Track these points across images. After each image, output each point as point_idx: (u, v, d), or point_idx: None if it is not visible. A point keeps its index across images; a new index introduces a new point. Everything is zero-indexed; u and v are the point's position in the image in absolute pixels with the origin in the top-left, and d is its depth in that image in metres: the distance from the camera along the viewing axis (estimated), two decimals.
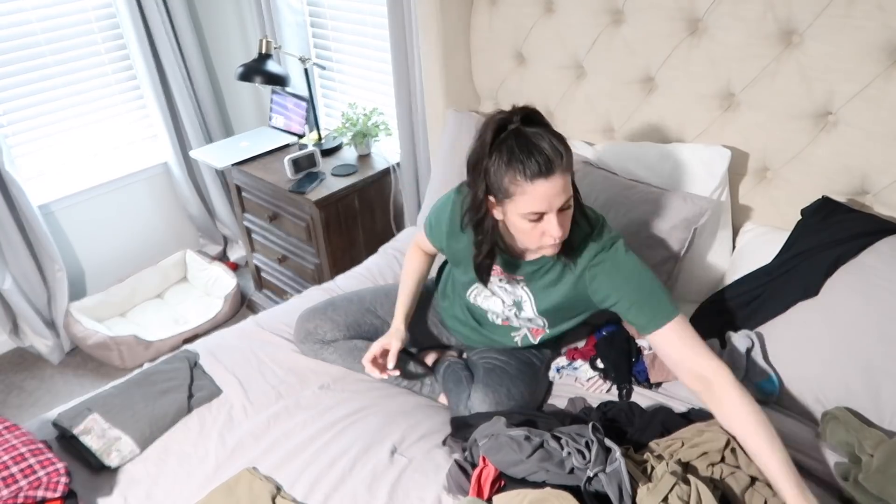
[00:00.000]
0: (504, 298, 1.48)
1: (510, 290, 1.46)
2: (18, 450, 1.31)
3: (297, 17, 2.77)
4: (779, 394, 1.44)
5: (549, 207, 1.19)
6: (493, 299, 1.50)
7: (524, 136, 1.17)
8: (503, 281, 1.45)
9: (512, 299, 1.46)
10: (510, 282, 1.44)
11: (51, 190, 2.78)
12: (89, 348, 2.71)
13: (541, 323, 1.50)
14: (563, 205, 1.21)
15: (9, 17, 2.53)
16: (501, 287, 1.46)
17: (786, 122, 1.61)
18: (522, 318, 1.50)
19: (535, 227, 1.23)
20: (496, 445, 1.23)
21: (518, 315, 1.49)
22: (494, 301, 1.50)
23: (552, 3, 1.92)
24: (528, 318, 1.49)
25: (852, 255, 1.41)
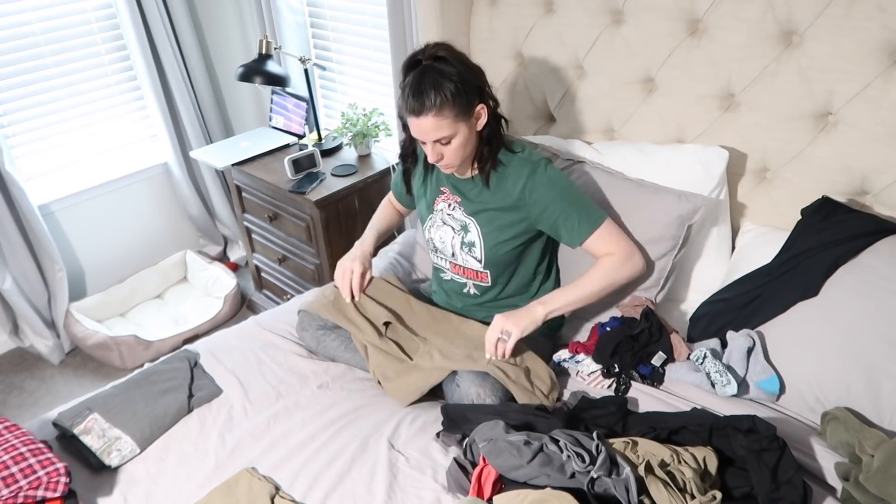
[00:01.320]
0: (453, 225, 1.64)
1: (457, 217, 1.63)
2: (18, 449, 1.31)
3: (297, 17, 2.77)
4: (779, 393, 1.44)
5: (424, 139, 1.44)
6: (444, 228, 1.66)
7: (419, 76, 1.39)
8: (451, 207, 1.63)
9: (459, 224, 1.63)
10: (454, 207, 1.63)
11: (51, 190, 2.78)
12: (89, 348, 2.71)
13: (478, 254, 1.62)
14: (438, 139, 1.42)
15: (9, 18, 2.53)
16: (450, 215, 1.64)
17: (786, 123, 1.61)
18: (469, 244, 1.63)
19: (424, 148, 1.48)
20: (495, 450, 1.23)
21: (464, 239, 1.63)
22: (445, 230, 1.66)
23: (552, 4, 1.92)
24: (470, 244, 1.63)
25: (852, 255, 1.41)
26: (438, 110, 1.38)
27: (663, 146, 1.80)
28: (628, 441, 1.25)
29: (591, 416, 1.38)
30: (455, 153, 1.47)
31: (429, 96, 1.37)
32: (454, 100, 1.38)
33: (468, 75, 1.42)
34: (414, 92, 1.38)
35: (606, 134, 1.98)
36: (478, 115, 1.46)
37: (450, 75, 1.38)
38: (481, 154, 1.53)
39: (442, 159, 1.48)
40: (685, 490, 1.14)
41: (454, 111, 1.40)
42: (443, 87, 1.37)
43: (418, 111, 1.39)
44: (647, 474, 1.15)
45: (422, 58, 1.41)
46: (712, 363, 1.46)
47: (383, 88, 2.63)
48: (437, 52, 1.41)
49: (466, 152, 1.49)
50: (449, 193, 1.64)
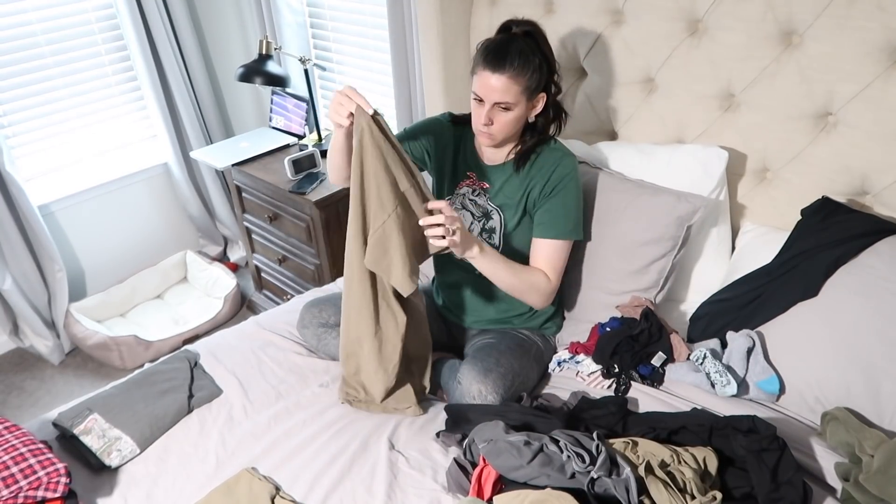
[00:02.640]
0: (474, 211, 1.64)
1: (479, 204, 1.62)
2: (19, 450, 1.31)
3: (297, 17, 2.77)
4: (779, 394, 1.44)
5: (487, 98, 1.42)
6: (463, 213, 1.65)
7: (509, 39, 1.40)
8: (475, 193, 1.62)
9: (481, 211, 1.63)
10: (479, 193, 1.62)
11: (51, 190, 2.78)
12: (89, 349, 2.71)
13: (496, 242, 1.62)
14: (499, 102, 1.41)
15: (9, 18, 2.53)
16: (473, 201, 1.63)
17: (786, 123, 1.61)
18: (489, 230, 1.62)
19: (477, 109, 1.46)
20: (495, 450, 1.23)
21: (485, 226, 1.62)
22: (465, 215, 1.65)
23: (552, 4, 1.92)
24: (490, 230, 1.62)
25: (852, 255, 1.41)
26: (515, 74, 1.39)
27: (663, 146, 1.80)
28: (628, 441, 1.25)
29: (591, 416, 1.38)
30: (505, 125, 1.46)
31: (512, 58, 1.38)
32: (531, 73, 1.40)
33: (549, 61, 1.45)
34: (499, 49, 1.39)
35: (606, 134, 1.98)
36: (537, 101, 1.48)
37: (536, 51, 1.42)
38: (524, 141, 1.54)
39: (490, 125, 1.46)
40: (685, 490, 1.14)
41: (526, 83, 1.41)
42: (528, 57, 1.40)
43: (496, 67, 1.39)
44: (647, 474, 1.15)
45: (514, 26, 1.44)
46: (712, 363, 1.46)
47: (383, 88, 2.63)
48: (529, 28, 1.44)
49: (513, 130, 1.50)
50: (475, 179, 1.63)
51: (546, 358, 1.68)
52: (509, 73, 1.39)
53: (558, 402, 1.52)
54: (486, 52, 1.41)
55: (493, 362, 1.52)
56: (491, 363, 1.52)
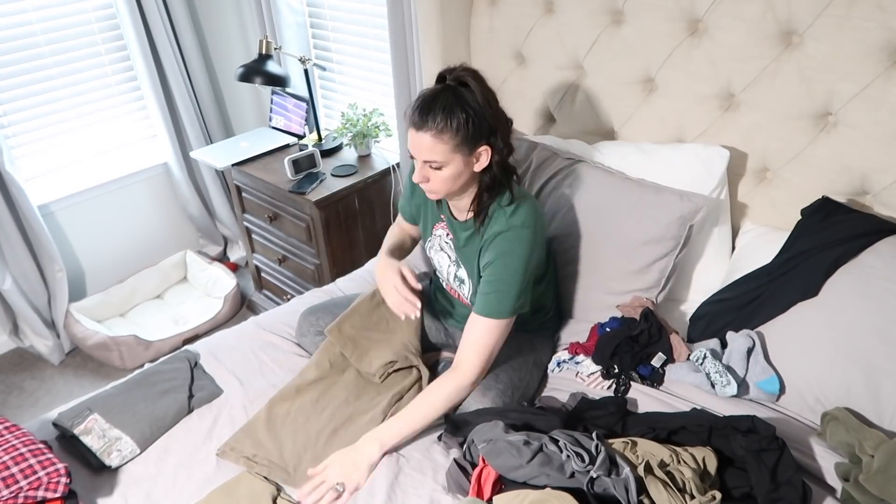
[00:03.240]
0: (449, 254, 1.61)
1: (451, 250, 1.59)
2: (19, 450, 1.31)
3: (297, 17, 2.77)
4: (779, 394, 1.44)
5: (416, 156, 1.38)
6: (441, 254, 1.63)
7: (436, 93, 1.33)
8: (448, 236, 1.58)
9: (455, 256, 1.59)
10: (449, 238, 1.58)
11: (51, 190, 2.78)
12: (89, 349, 2.71)
13: (466, 293, 1.60)
14: (428, 160, 1.36)
15: (9, 18, 2.53)
16: (447, 243, 1.60)
17: (786, 123, 1.61)
18: (460, 280, 1.60)
19: (416, 166, 1.41)
20: (495, 450, 1.23)
21: (457, 274, 1.60)
22: (442, 256, 1.63)
23: (552, 4, 1.92)
24: (461, 280, 1.60)
25: (852, 255, 1.41)
26: (439, 132, 1.31)
27: (664, 146, 1.80)
28: (628, 441, 1.25)
29: (591, 416, 1.38)
30: (442, 182, 1.39)
31: (434, 115, 1.31)
32: (458, 129, 1.31)
33: (486, 112, 1.34)
34: (422, 106, 1.32)
35: (606, 134, 1.98)
36: (478, 155, 1.38)
37: (465, 104, 1.32)
38: (481, 198, 1.44)
39: (427, 182, 1.41)
40: (685, 490, 1.15)
41: (455, 141, 1.32)
42: (453, 112, 1.31)
43: (419, 126, 1.33)
44: (646, 474, 1.15)
45: (448, 76, 1.36)
46: (712, 363, 1.46)
47: (383, 89, 2.63)
48: (464, 77, 1.34)
49: (455, 187, 1.41)
50: (445, 225, 1.58)
51: (546, 360, 1.68)
52: (433, 131, 1.31)
53: (557, 405, 1.52)
54: (413, 108, 1.34)
55: (491, 379, 1.51)
56: (489, 380, 1.51)
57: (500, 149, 1.39)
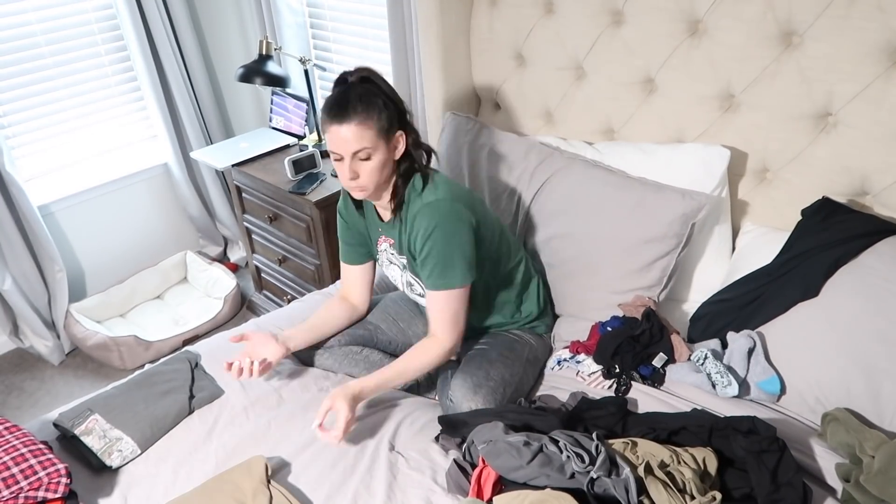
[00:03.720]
0: (397, 264, 1.63)
1: (397, 257, 1.61)
2: (19, 450, 1.31)
3: (297, 18, 2.77)
4: (780, 394, 1.44)
5: (343, 151, 1.38)
6: (392, 267, 1.65)
7: (346, 90, 1.38)
8: (392, 247, 1.60)
9: (401, 263, 1.61)
10: (392, 247, 1.60)
11: (51, 190, 2.78)
12: (89, 349, 2.71)
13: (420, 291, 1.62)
14: (357, 151, 1.38)
15: (9, 18, 2.53)
16: (392, 254, 1.62)
17: (786, 123, 1.61)
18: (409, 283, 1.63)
19: (340, 167, 1.42)
20: (495, 451, 1.23)
21: (406, 279, 1.63)
22: (393, 269, 1.65)
23: (552, 4, 1.92)
24: (409, 283, 1.63)
25: (852, 255, 1.41)
26: (362, 120, 1.35)
27: (664, 146, 1.80)
28: (628, 442, 1.25)
29: (591, 416, 1.38)
30: (371, 174, 1.41)
31: (354, 105, 1.35)
32: (379, 113, 1.37)
33: (394, 98, 1.42)
34: (338, 101, 1.36)
35: (606, 134, 1.98)
36: (397, 141, 1.43)
37: (376, 93, 1.38)
38: (396, 188, 1.48)
39: (357, 178, 1.42)
40: (685, 491, 1.15)
41: (378, 125, 1.37)
42: (369, 99, 1.36)
43: (342, 119, 1.35)
44: (646, 475, 1.15)
45: (349, 77, 1.41)
46: (713, 364, 1.47)
47: None
48: (364, 73, 1.41)
49: (381, 178, 1.43)
50: (385, 236, 1.61)
51: (541, 357, 1.68)
52: (356, 119, 1.35)
53: (556, 404, 1.52)
54: (328, 108, 1.37)
55: (482, 376, 1.52)
56: (480, 377, 1.51)
57: (412, 132, 1.47)
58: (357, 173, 1.41)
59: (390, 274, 1.69)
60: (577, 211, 1.74)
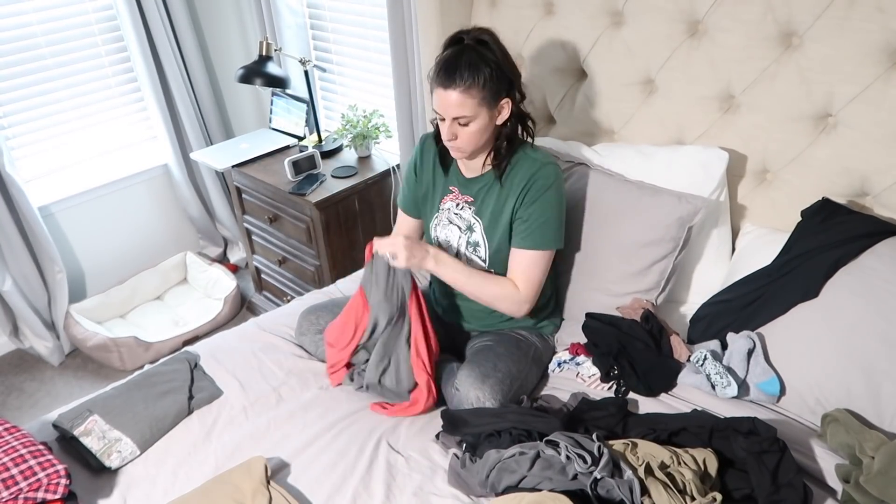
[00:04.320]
0: (459, 224, 1.63)
1: (464, 217, 1.62)
2: (19, 451, 1.31)
3: (297, 19, 2.77)
4: (780, 395, 1.44)
5: (445, 114, 1.43)
6: (450, 227, 1.65)
7: (458, 52, 1.40)
8: (459, 207, 1.62)
9: (466, 224, 1.62)
10: (463, 207, 1.62)
11: (51, 191, 2.78)
12: (89, 350, 2.71)
13: (483, 254, 1.62)
14: (457, 117, 1.42)
15: (9, 20, 2.53)
16: (458, 214, 1.63)
17: (786, 124, 1.61)
18: (474, 244, 1.62)
19: (441, 126, 1.48)
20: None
21: (469, 239, 1.62)
22: (451, 230, 1.65)
23: (552, 5, 1.92)
24: (475, 243, 1.62)
25: (852, 256, 1.41)
26: (467, 88, 1.38)
27: (663, 147, 1.80)
28: (628, 443, 1.25)
29: (591, 417, 1.38)
30: (470, 138, 1.46)
31: (461, 73, 1.38)
32: (484, 83, 1.39)
33: (504, 66, 1.43)
34: (447, 65, 1.39)
35: (606, 135, 1.98)
36: (501, 108, 1.46)
37: (487, 60, 1.40)
38: (498, 150, 1.52)
39: (455, 139, 1.47)
40: (685, 492, 1.15)
41: (482, 94, 1.40)
42: (477, 67, 1.38)
43: (447, 84, 1.39)
44: (646, 476, 1.15)
45: (465, 37, 1.43)
46: (713, 365, 1.46)
47: (383, 90, 2.63)
48: (481, 35, 1.42)
49: (481, 141, 1.48)
50: (458, 193, 1.63)
51: (545, 358, 1.68)
52: (461, 87, 1.38)
53: (558, 404, 1.52)
54: (437, 69, 1.41)
55: (490, 367, 1.52)
56: (488, 368, 1.52)
57: (518, 100, 1.48)
58: (456, 135, 1.46)
59: (443, 235, 1.67)
60: (575, 214, 1.74)
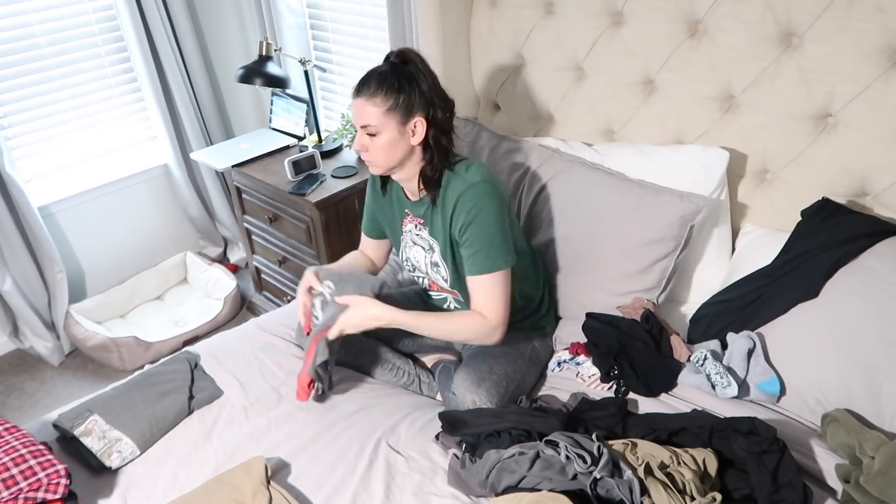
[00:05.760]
0: (422, 245, 1.62)
1: (424, 237, 1.61)
2: (19, 451, 1.31)
3: (297, 19, 2.77)
4: (780, 395, 1.44)
5: (356, 123, 1.45)
6: (415, 248, 1.65)
7: (378, 66, 1.43)
8: (418, 228, 1.61)
9: (427, 244, 1.61)
10: (420, 228, 1.61)
11: (51, 191, 2.78)
12: (89, 350, 2.71)
13: (444, 274, 1.61)
14: (364, 126, 1.43)
15: (9, 20, 2.53)
16: (418, 235, 1.62)
17: (786, 124, 1.61)
18: (435, 264, 1.61)
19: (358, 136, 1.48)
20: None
21: (432, 259, 1.61)
22: (417, 250, 1.64)
23: (552, 5, 1.92)
24: (436, 264, 1.61)
25: (852, 256, 1.41)
26: (370, 95, 1.40)
27: (663, 147, 1.80)
28: (628, 443, 1.25)
29: (592, 417, 1.38)
30: (378, 151, 1.45)
31: (370, 83, 1.40)
32: (390, 95, 1.39)
33: (423, 87, 1.42)
34: (362, 78, 1.42)
35: (606, 135, 1.98)
36: (413, 126, 1.43)
37: (401, 75, 1.40)
38: (424, 174, 1.50)
39: (366, 151, 1.47)
40: (685, 492, 1.15)
41: (387, 104, 1.39)
42: (386, 79, 1.40)
43: (356, 93, 1.42)
44: (646, 476, 1.15)
45: (391, 56, 1.45)
46: (713, 365, 1.46)
47: None
48: (407, 55, 1.44)
49: (391, 157, 1.45)
50: (412, 216, 1.61)
51: (543, 357, 1.68)
52: (366, 95, 1.40)
53: (558, 404, 1.52)
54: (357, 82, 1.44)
55: (486, 370, 1.52)
56: (484, 371, 1.52)
57: (438, 123, 1.45)
58: (365, 147, 1.46)
59: (412, 256, 1.67)
60: (576, 213, 1.74)
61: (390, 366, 1.69)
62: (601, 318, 1.64)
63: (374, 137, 1.44)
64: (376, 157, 1.46)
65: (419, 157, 1.48)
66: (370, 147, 1.45)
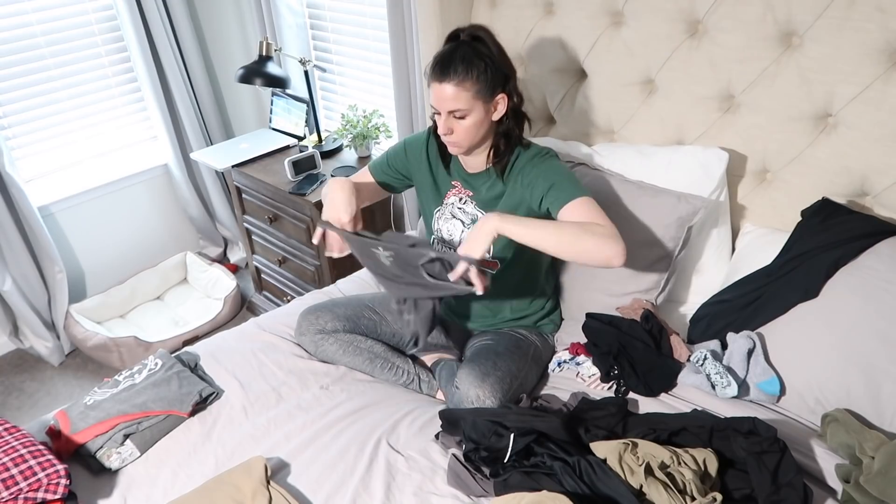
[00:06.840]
0: (462, 219, 1.63)
1: (468, 211, 1.62)
2: (18, 451, 1.31)
3: (297, 19, 2.77)
4: (780, 395, 1.44)
5: (440, 108, 1.44)
6: (453, 221, 1.65)
7: (453, 48, 1.42)
8: (462, 201, 1.62)
9: (469, 218, 1.62)
10: (466, 201, 1.62)
11: (51, 191, 2.78)
12: (89, 350, 2.71)
13: None
14: (452, 110, 1.43)
15: (9, 20, 2.53)
16: (461, 209, 1.63)
17: (786, 124, 1.61)
18: None
19: (438, 121, 1.48)
20: None
21: None
22: (454, 223, 1.65)
23: (552, 5, 1.92)
24: None
25: (852, 256, 1.41)
26: (460, 80, 1.40)
27: (663, 148, 1.80)
28: (628, 443, 1.25)
29: (592, 417, 1.38)
30: (465, 132, 1.46)
31: (455, 66, 1.39)
32: (478, 77, 1.40)
33: (499, 62, 1.44)
34: (443, 60, 1.41)
35: (606, 135, 1.98)
36: (496, 103, 1.46)
37: (481, 55, 1.41)
38: (497, 147, 1.52)
39: (451, 134, 1.47)
40: (685, 492, 1.15)
41: (476, 87, 1.41)
42: (472, 62, 1.40)
43: (442, 78, 1.41)
44: (646, 476, 1.15)
45: (461, 34, 1.45)
46: (713, 365, 1.46)
47: (383, 90, 2.63)
48: (476, 32, 1.44)
49: (477, 136, 1.48)
50: (461, 187, 1.62)
51: (545, 357, 1.69)
52: (454, 80, 1.40)
53: (558, 404, 1.52)
54: (433, 64, 1.43)
55: (490, 366, 1.52)
56: (488, 367, 1.52)
57: (513, 96, 1.48)
58: (451, 129, 1.46)
59: (445, 228, 1.66)
60: None
61: (390, 365, 1.69)
62: (601, 318, 1.64)
63: (460, 120, 1.44)
64: (462, 138, 1.47)
65: (495, 130, 1.51)
66: (456, 129, 1.46)
